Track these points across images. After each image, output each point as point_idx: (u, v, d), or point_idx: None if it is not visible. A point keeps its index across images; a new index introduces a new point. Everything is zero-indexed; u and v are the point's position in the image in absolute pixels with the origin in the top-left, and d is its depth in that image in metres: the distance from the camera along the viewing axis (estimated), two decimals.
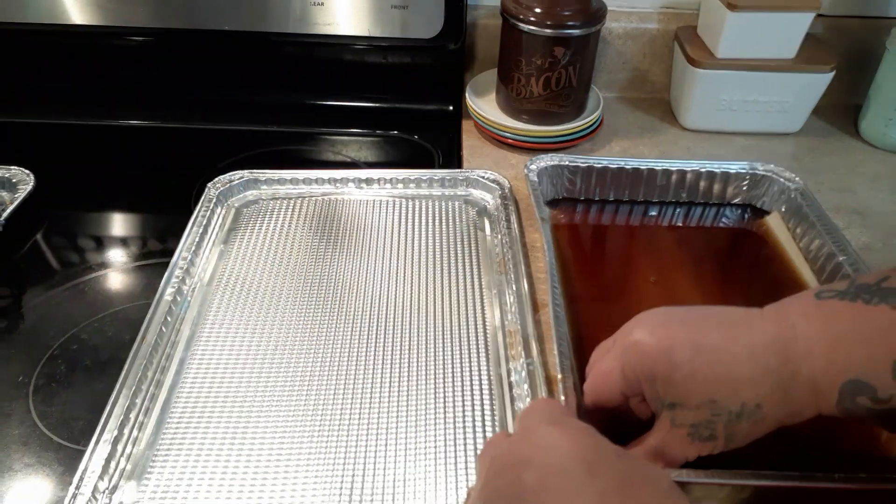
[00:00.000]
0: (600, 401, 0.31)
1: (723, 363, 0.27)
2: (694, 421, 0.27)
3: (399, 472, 0.33)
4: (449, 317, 0.41)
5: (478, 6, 0.65)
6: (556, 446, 0.23)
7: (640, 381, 0.28)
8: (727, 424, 0.27)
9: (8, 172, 0.51)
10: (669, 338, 0.28)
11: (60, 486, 0.33)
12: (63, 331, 0.41)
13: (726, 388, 0.26)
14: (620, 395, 0.30)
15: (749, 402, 0.26)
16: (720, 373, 0.27)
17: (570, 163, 0.52)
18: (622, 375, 0.29)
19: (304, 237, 0.48)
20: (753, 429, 0.27)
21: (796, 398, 0.26)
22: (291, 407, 0.36)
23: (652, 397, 0.29)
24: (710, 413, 0.27)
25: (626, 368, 0.29)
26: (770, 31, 0.56)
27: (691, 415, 0.27)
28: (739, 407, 0.26)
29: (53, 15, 0.58)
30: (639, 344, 0.28)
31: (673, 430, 0.28)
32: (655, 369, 0.27)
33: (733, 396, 0.26)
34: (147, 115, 0.64)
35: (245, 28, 0.59)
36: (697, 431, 0.27)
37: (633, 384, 0.29)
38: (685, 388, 0.27)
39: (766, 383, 0.26)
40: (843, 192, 0.55)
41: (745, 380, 0.26)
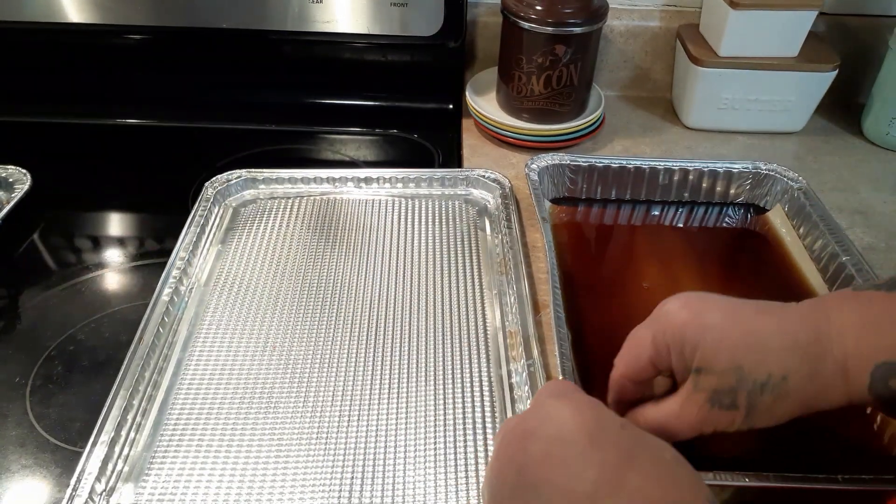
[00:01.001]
0: (629, 371, 0.30)
1: (753, 332, 0.26)
2: (717, 386, 0.26)
3: (399, 474, 0.33)
4: (449, 317, 0.41)
5: (478, 4, 0.65)
6: (561, 418, 0.23)
7: (670, 348, 0.28)
8: (750, 394, 0.26)
9: (5, 172, 0.51)
10: (702, 306, 0.28)
11: (58, 487, 0.33)
12: (60, 331, 0.41)
13: (754, 355, 0.26)
14: (649, 365, 0.29)
15: (776, 373, 0.26)
16: (750, 341, 0.26)
17: (572, 162, 0.51)
18: (653, 343, 0.28)
19: (303, 237, 0.48)
20: (776, 404, 0.26)
21: (824, 376, 0.26)
22: (290, 408, 0.36)
23: (679, 367, 0.28)
24: (734, 379, 0.26)
25: (657, 335, 0.28)
26: (772, 29, 0.55)
27: (715, 379, 0.26)
28: (765, 377, 0.26)
29: (50, 13, 0.58)
30: (671, 311, 0.28)
31: (694, 394, 0.27)
32: (685, 332, 0.27)
33: (760, 366, 0.26)
34: (144, 114, 0.64)
35: (243, 26, 0.59)
36: (718, 398, 0.26)
37: (663, 352, 0.28)
38: (713, 352, 0.26)
39: (794, 356, 0.26)
40: (846, 191, 0.55)
41: (773, 350, 0.26)
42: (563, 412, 0.24)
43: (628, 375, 0.30)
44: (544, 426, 0.23)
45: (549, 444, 0.23)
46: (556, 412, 0.24)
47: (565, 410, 0.24)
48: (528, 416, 0.25)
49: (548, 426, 0.23)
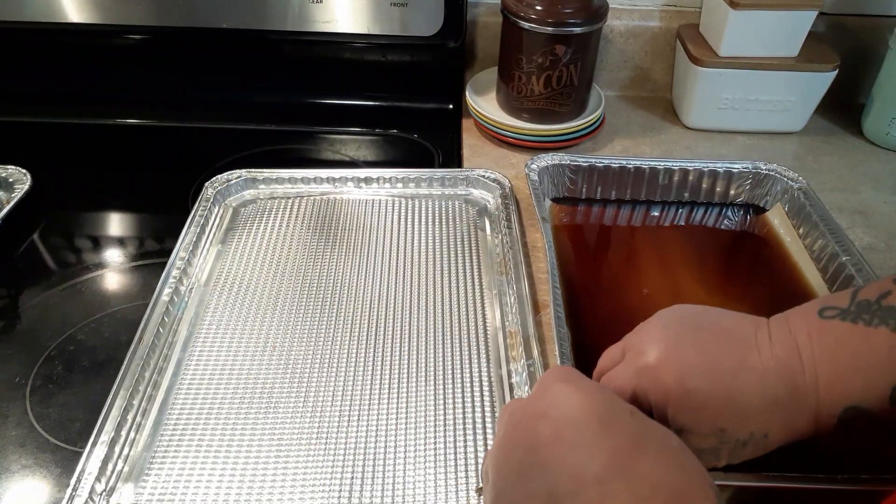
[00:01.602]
0: None
1: (734, 396, 0.27)
2: (700, 447, 0.27)
3: (399, 473, 0.33)
4: (449, 317, 0.41)
5: (478, 4, 0.64)
6: (571, 401, 0.24)
7: (652, 406, 0.28)
8: (732, 450, 0.27)
9: (5, 172, 0.51)
10: (683, 363, 0.28)
11: (58, 487, 0.33)
12: (60, 331, 0.41)
13: (737, 417, 0.27)
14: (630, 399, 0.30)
15: (757, 431, 0.27)
16: (732, 406, 0.27)
17: (571, 162, 0.51)
18: (633, 398, 0.29)
19: (303, 237, 0.48)
20: (754, 452, 0.28)
21: (798, 427, 0.27)
22: (290, 408, 0.36)
23: (660, 419, 0.28)
24: (718, 441, 0.27)
25: (638, 391, 0.29)
26: (772, 29, 0.55)
27: (699, 441, 0.27)
28: (747, 436, 0.27)
29: (50, 13, 0.58)
30: (652, 369, 0.28)
31: None
32: (669, 395, 0.27)
33: (742, 426, 0.27)
34: (144, 114, 0.64)
35: (243, 26, 0.59)
36: (701, 457, 0.26)
37: (643, 407, 0.29)
38: (696, 416, 0.27)
39: (773, 415, 0.27)
40: (846, 191, 0.55)
41: (755, 411, 0.27)
42: (573, 396, 0.24)
43: None
44: (555, 409, 0.24)
45: (561, 426, 0.23)
46: (566, 396, 0.24)
47: (576, 394, 0.24)
48: (536, 398, 0.25)
49: (559, 409, 0.24)
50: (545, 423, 0.23)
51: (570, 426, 0.23)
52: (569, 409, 0.23)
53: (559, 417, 0.23)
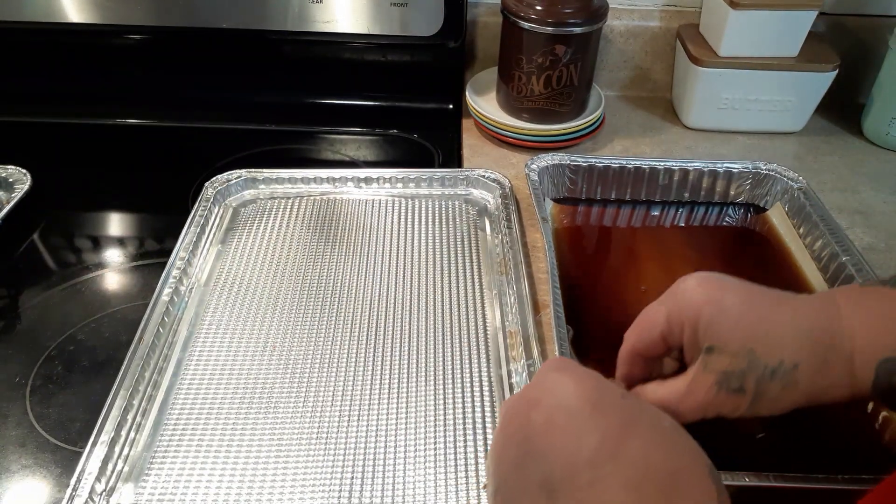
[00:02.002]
0: (639, 345, 0.30)
1: (768, 319, 0.27)
2: (727, 368, 0.27)
3: (399, 473, 0.33)
4: (449, 317, 0.41)
5: (478, 4, 0.65)
6: (563, 388, 0.24)
7: (684, 325, 0.28)
8: (759, 379, 0.26)
9: (5, 172, 0.51)
10: (720, 287, 0.28)
11: (58, 487, 0.33)
12: (60, 331, 0.41)
13: (768, 341, 0.26)
14: (660, 340, 0.29)
15: (787, 361, 0.26)
16: (765, 327, 0.27)
17: (571, 162, 0.51)
18: (667, 318, 0.28)
19: (303, 237, 0.48)
20: (783, 393, 0.26)
21: (832, 371, 0.26)
22: (290, 408, 0.36)
23: (690, 344, 0.28)
24: (745, 362, 0.26)
25: (671, 310, 0.28)
26: (772, 29, 0.55)
27: (726, 360, 0.27)
28: (777, 363, 0.26)
29: (51, 13, 0.58)
30: (689, 288, 0.28)
31: (703, 374, 0.27)
32: (702, 309, 0.27)
33: (773, 352, 0.26)
34: (144, 114, 0.64)
35: (243, 26, 0.59)
36: (727, 381, 0.27)
37: (676, 328, 0.28)
38: (727, 332, 0.27)
39: (806, 348, 0.26)
40: (846, 191, 0.55)
41: (787, 338, 0.26)
42: (565, 383, 0.24)
43: (638, 350, 0.30)
44: (547, 396, 0.24)
45: (552, 413, 0.23)
46: (558, 383, 0.24)
47: (568, 381, 0.24)
48: (531, 388, 0.25)
49: (551, 396, 0.24)
50: (538, 411, 0.24)
51: (562, 412, 0.23)
52: (562, 395, 0.24)
53: (552, 404, 0.24)
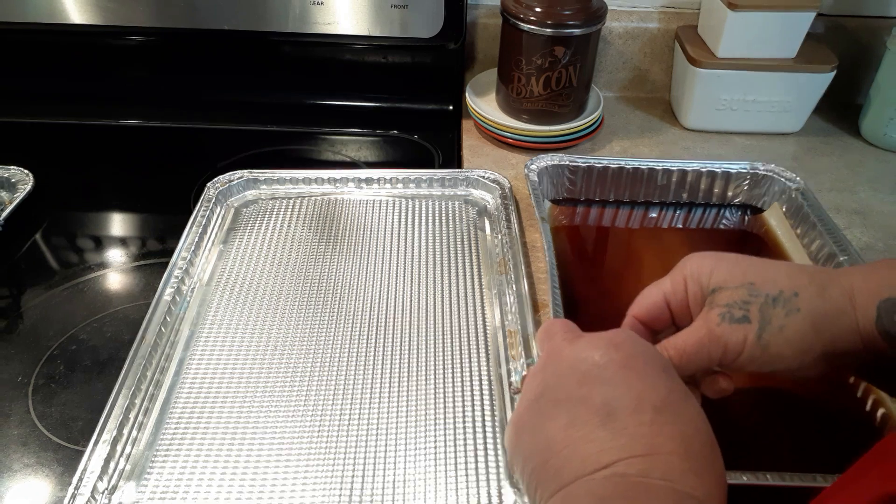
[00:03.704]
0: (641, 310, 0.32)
1: (765, 263, 0.30)
2: (729, 300, 0.28)
3: (399, 472, 0.33)
4: (449, 317, 0.41)
5: (478, 5, 0.65)
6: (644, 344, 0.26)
7: (686, 283, 0.30)
8: (762, 307, 0.28)
9: (7, 172, 0.51)
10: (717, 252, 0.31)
11: (60, 486, 0.33)
12: (62, 331, 0.41)
13: (766, 276, 0.28)
14: (663, 302, 0.31)
15: (787, 289, 0.28)
16: (761, 265, 0.29)
17: (571, 163, 0.52)
18: (669, 279, 0.31)
19: (304, 237, 0.48)
20: (788, 321, 0.27)
21: (833, 297, 0.27)
22: (291, 407, 0.36)
23: (695, 300, 0.30)
24: (747, 293, 0.28)
25: (674, 273, 0.31)
26: (770, 30, 0.56)
27: (728, 294, 0.28)
28: (777, 292, 0.28)
29: (53, 14, 0.58)
30: (688, 257, 0.31)
31: (709, 312, 0.29)
32: (703, 264, 0.30)
33: (772, 283, 0.28)
34: (146, 115, 0.64)
35: (244, 27, 0.59)
36: (730, 312, 0.28)
37: (679, 287, 0.30)
38: (728, 273, 0.29)
39: (803, 278, 0.28)
40: (844, 192, 0.55)
41: (783, 273, 0.29)
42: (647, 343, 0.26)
43: (640, 315, 0.32)
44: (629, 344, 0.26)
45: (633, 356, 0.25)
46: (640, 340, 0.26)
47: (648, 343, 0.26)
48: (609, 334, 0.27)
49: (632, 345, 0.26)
50: (619, 351, 0.25)
51: (641, 359, 0.25)
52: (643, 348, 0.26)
53: (633, 351, 0.25)
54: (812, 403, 0.37)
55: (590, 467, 0.22)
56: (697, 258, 0.30)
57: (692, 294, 0.30)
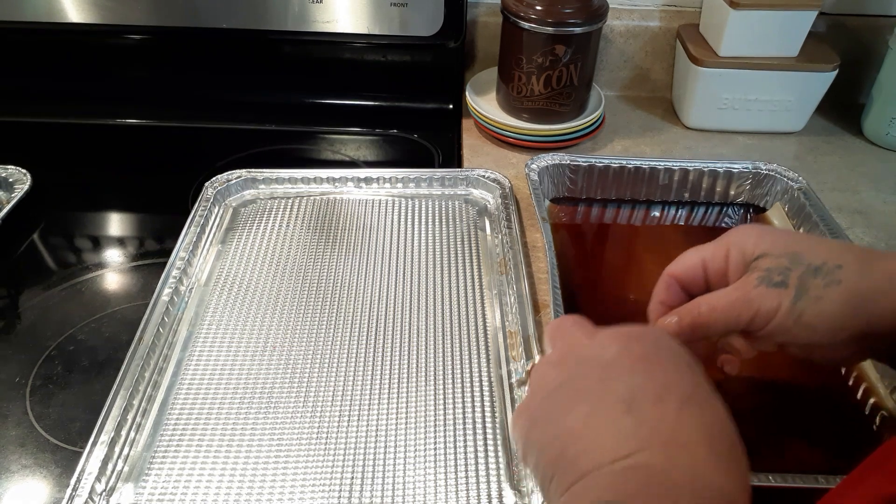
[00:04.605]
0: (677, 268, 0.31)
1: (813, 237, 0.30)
2: (770, 265, 0.28)
3: (399, 473, 0.33)
4: (449, 317, 0.41)
5: (478, 4, 0.65)
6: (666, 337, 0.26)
7: (729, 249, 0.29)
8: (802, 275, 0.27)
9: (5, 172, 0.51)
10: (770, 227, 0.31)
11: (58, 487, 0.33)
12: (60, 331, 0.41)
13: (812, 245, 0.28)
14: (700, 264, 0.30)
15: (830, 261, 0.27)
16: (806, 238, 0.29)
17: (571, 162, 0.51)
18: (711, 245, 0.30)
19: (303, 237, 0.48)
20: (826, 292, 0.27)
21: (875, 277, 0.27)
22: (290, 408, 0.36)
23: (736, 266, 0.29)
24: (789, 261, 0.28)
25: (717, 241, 0.30)
26: (772, 29, 0.55)
27: (770, 260, 0.28)
28: (820, 262, 0.27)
29: (51, 13, 0.58)
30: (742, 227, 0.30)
31: (748, 276, 0.28)
32: (749, 232, 0.29)
33: (817, 254, 0.28)
34: (144, 114, 0.64)
35: (243, 26, 0.59)
36: (769, 276, 0.27)
37: (720, 253, 0.30)
38: (772, 241, 0.28)
39: (850, 253, 0.28)
40: (846, 191, 0.55)
41: (830, 245, 0.28)
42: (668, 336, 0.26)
43: (676, 272, 0.31)
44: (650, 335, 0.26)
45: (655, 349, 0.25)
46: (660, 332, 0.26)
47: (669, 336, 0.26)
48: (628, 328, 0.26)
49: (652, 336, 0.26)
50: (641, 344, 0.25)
51: (665, 352, 0.25)
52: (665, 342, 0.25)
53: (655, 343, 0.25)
54: (812, 405, 0.37)
55: (609, 456, 0.21)
56: (744, 228, 0.30)
57: (733, 261, 0.29)
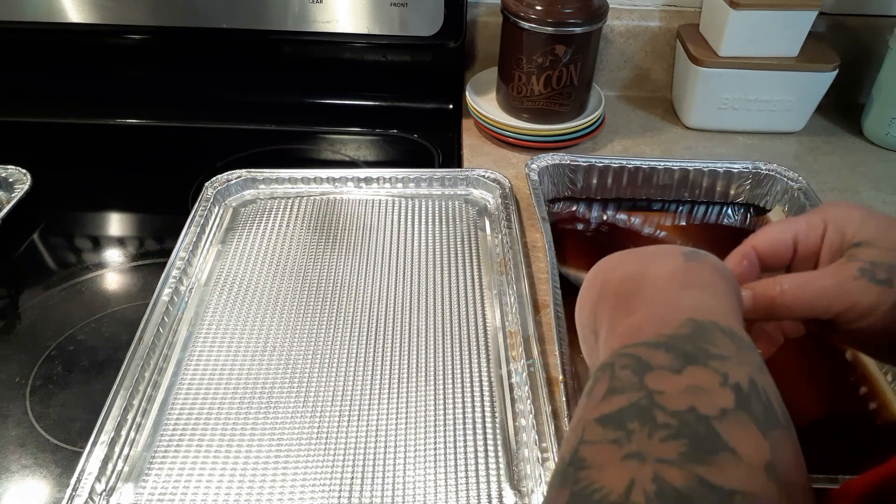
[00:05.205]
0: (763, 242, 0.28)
1: None
2: (876, 258, 0.25)
3: (399, 473, 0.33)
4: (449, 317, 0.41)
5: (478, 4, 0.64)
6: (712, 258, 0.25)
7: (826, 226, 0.27)
8: None
9: (5, 172, 0.51)
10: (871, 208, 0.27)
11: (58, 487, 0.33)
12: (60, 331, 0.41)
13: None
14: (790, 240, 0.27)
15: None
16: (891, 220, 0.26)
17: (572, 162, 0.51)
18: (805, 220, 0.27)
19: (303, 237, 0.48)
20: None
21: None
22: (290, 408, 0.36)
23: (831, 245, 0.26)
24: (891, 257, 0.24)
25: (812, 215, 0.27)
26: (772, 29, 0.55)
27: (876, 252, 0.25)
28: None
29: (51, 13, 0.58)
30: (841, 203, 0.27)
31: (846, 263, 0.25)
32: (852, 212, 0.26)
33: None
34: (144, 114, 0.64)
35: (243, 26, 0.59)
36: (872, 270, 0.24)
37: (815, 228, 0.27)
38: (879, 229, 0.25)
39: None
40: (846, 191, 0.55)
41: None
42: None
43: (761, 247, 0.28)
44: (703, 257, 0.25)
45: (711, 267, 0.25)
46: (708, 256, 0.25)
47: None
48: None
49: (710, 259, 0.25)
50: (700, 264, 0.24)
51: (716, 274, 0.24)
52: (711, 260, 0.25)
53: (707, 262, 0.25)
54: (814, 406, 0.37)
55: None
56: (845, 205, 0.27)
57: (830, 240, 0.26)
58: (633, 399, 0.19)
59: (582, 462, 0.18)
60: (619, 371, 0.20)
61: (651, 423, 0.18)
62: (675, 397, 0.18)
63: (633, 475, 0.16)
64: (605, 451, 0.18)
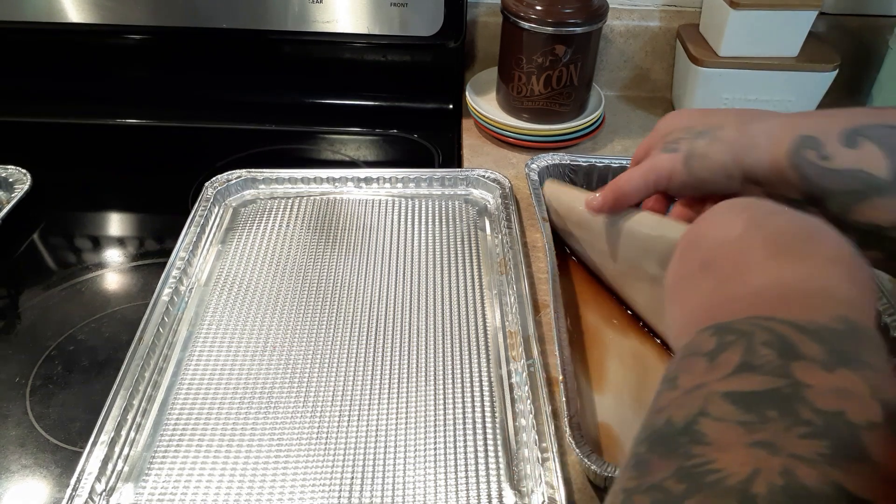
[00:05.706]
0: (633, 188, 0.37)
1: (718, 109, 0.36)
2: (670, 138, 0.35)
3: (399, 473, 0.33)
4: (449, 317, 0.41)
5: (478, 3, 0.64)
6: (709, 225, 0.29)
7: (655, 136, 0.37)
8: (691, 141, 0.34)
9: (5, 172, 0.51)
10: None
11: (58, 487, 0.33)
12: (60, 331, 0.41)
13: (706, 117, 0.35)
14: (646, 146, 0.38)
15: (715, 125, 0.34)
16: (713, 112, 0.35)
17: (572, 162, 0.51)
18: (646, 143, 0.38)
19: (303, 237, 0.48)
20: (710, 149, 0.33)
21: (752, 132, 0.32)
22: (290, 408, 0.36)
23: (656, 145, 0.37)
24: (683, 133, 0.35)
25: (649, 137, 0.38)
26: (772, 29, 0.55)
27: (671, 135, 0.35)
28: (707, 129, 0.34)
29: (51, 13, 0.58)
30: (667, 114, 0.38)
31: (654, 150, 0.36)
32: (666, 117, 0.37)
33: (706, 123, 0.34)
34: (144, 114, 0.64)
35: (243, 26, 0.59)
36: (667, 146, 0.35)
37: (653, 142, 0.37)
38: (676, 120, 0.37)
39: (732, 114, 0.34)
40: None
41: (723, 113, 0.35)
42: None
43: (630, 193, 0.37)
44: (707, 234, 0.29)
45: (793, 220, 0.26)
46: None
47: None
48: None
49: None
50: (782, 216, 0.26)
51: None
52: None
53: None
54: None
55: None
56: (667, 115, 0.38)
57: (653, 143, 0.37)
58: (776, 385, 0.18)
59: (701, 437, 0.17)
60: (758, 346, 0.19)
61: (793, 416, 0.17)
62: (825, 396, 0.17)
63: (760, 465, 0.16)
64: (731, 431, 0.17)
